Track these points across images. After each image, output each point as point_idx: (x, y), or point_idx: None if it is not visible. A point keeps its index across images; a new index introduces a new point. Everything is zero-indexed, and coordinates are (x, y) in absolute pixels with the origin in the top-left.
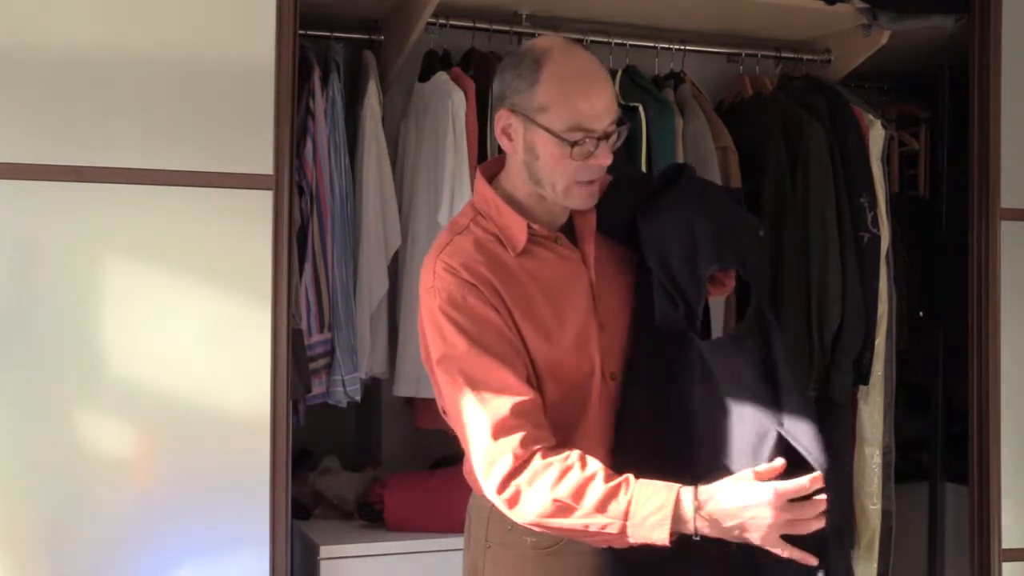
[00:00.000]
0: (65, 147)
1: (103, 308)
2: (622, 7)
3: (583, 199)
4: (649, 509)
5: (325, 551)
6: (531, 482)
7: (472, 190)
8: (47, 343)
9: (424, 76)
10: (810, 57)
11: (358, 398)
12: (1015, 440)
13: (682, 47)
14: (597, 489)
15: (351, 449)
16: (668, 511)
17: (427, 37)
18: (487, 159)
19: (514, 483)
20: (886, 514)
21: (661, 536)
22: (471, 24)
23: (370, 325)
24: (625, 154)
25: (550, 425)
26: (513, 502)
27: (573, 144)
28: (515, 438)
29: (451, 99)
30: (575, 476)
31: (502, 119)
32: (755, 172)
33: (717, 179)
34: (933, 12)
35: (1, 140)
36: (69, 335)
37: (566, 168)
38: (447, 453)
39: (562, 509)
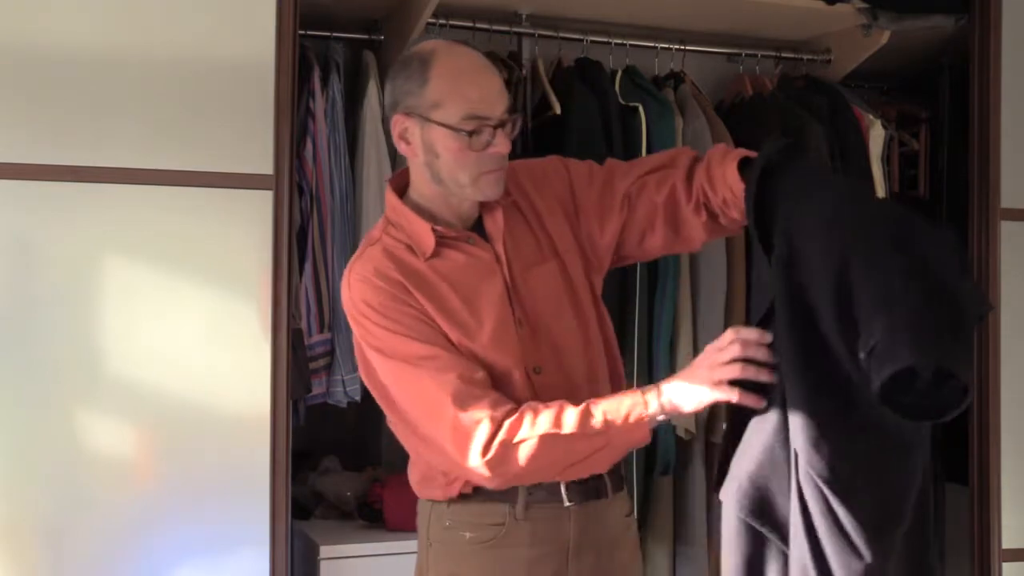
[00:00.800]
0: (64, 147)
1: (103, 308)
2: (622, 7)
3: (492, 186)
4: (624, 411)
5: (325, 551)
6: (512, 435)
7: None
8: (47, 343)
9: None
10: (810, 57)
11: (358, 398)
12: (1015, 440)
13: (682, 47)
14: (571, 414)
15: (351, 449)
16: (641, 406)
17: (427, 37)
18: None
19: (496, 442)
20: None
21: (642, 434)
22: (471, 24)
23: None
24: (624, 154)
25: None
26: (501, 460)
27: (470, 134)
28: (484, 403)
29: None
30: (547, 413)
31: (398, 125)
32: None
33: None
34: (933, 12)
35: (1, 140)
36: (69, 335)
37: (467, 161)
38: None
39: (549, 442)
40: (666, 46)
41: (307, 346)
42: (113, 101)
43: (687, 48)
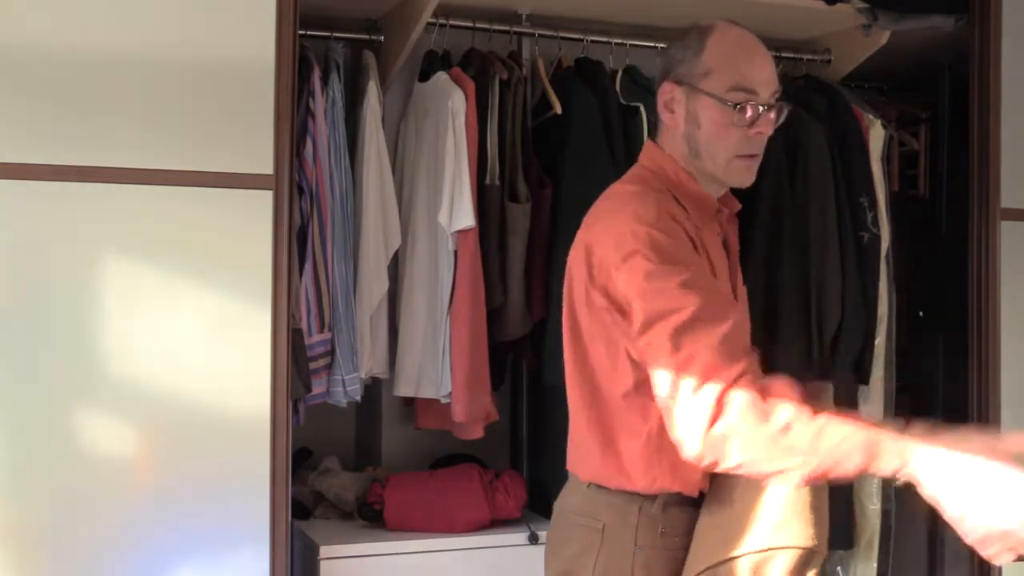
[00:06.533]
0: (65, 147)
1: (103, 308)
2: (622, 7)
3: (743, 173)
4: (844, 451)
5: (325, 551)
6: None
7: (472, 190)
8: (47, 343)
9: (424, 76)
10: (810, 57)
11: (358, 398)
12: None
13: None
14: (802, 426)
15: (351, 449)
16: (871, 459)
17: (427, 37)
18: (487, 159)
19: (718, 419)
20: (886, 514)
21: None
22: (471, 24)
23: (370, 325)
24: (625, 154)
25: None
26: (714, 444)
27: (736, 106)
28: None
29: (451, 99)
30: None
31: (665, 92)
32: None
33: None
34: (933, 12)
35: (1, 140)
36: (69, 335)
37: (728, 136)
38: (447, 453)
39: (760, 442)
40: (666, 46)
41: (307, 346)
42: (113, 101)
43: None
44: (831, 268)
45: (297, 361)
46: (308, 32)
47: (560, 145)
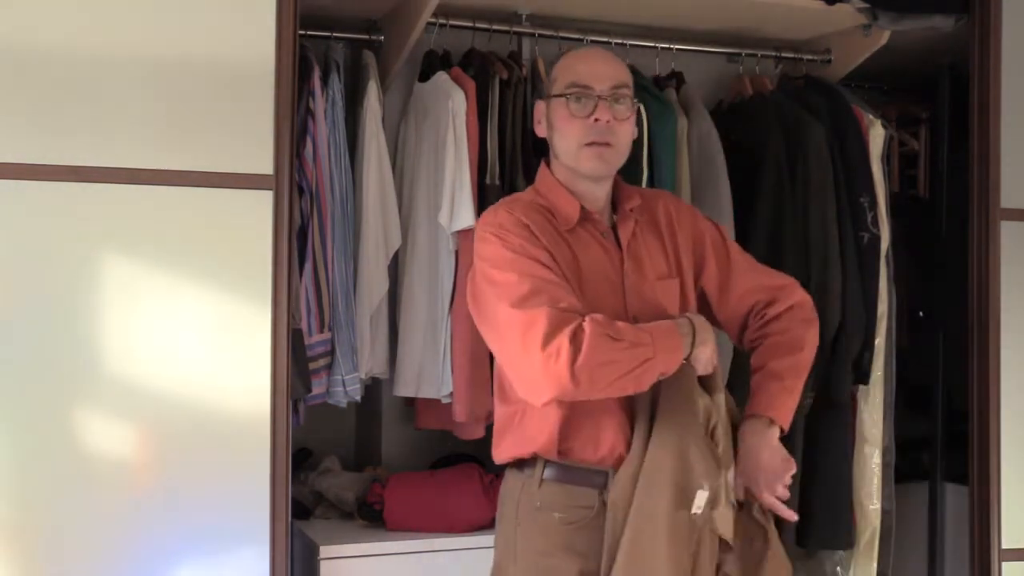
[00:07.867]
0: (64, 147)
1: (103, 308)
2: (622, 7)
3: (593, 160)
4: (663, 332)
5: (325, 551)
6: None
7: (472, 190)
8: (47, 343)
9: (424, 76)
10: (810, 57)
11: (358, 398)
12: (1015, 440)
13: (682, 47)
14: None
15: (351, 449)
16: (676, 334)
17: (427, 37)
18: (487, 159)
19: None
20: (885, 514)
21: (678, 359)
22: (471, 24)
23: (370, 325)
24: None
25: None
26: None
27: (569, 98)
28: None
29: (451, 99)
30: (605, 323)
31: (537, 112)
32: (755, 172)
33: (724, 180)
34: (933, 12)
35: (1, 140)
36: (69, 335)
37: (571, 127)
38: (447, 453)
39: (606, 345)
40: (666, 46)
41: (307, 346)
42: (113, 101)
43: (687, 48)
44: (831, 268)
45: (297, 361)
46: (308, 32)
47: None
